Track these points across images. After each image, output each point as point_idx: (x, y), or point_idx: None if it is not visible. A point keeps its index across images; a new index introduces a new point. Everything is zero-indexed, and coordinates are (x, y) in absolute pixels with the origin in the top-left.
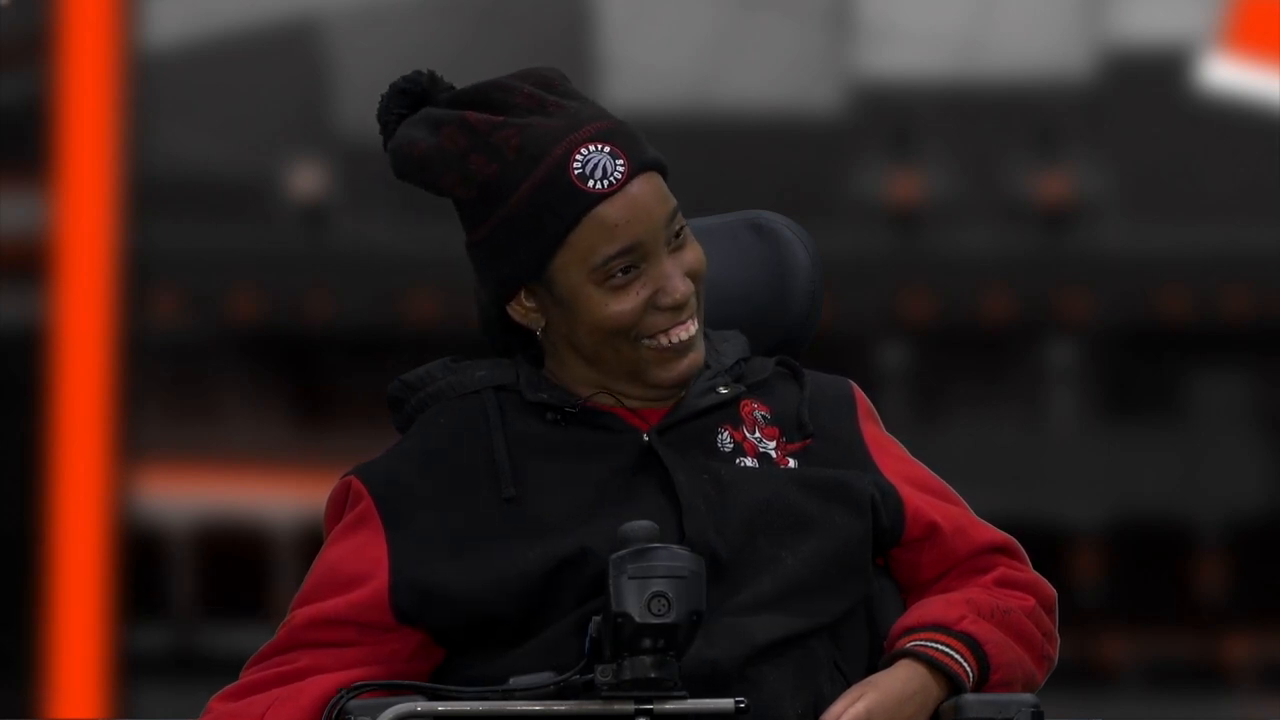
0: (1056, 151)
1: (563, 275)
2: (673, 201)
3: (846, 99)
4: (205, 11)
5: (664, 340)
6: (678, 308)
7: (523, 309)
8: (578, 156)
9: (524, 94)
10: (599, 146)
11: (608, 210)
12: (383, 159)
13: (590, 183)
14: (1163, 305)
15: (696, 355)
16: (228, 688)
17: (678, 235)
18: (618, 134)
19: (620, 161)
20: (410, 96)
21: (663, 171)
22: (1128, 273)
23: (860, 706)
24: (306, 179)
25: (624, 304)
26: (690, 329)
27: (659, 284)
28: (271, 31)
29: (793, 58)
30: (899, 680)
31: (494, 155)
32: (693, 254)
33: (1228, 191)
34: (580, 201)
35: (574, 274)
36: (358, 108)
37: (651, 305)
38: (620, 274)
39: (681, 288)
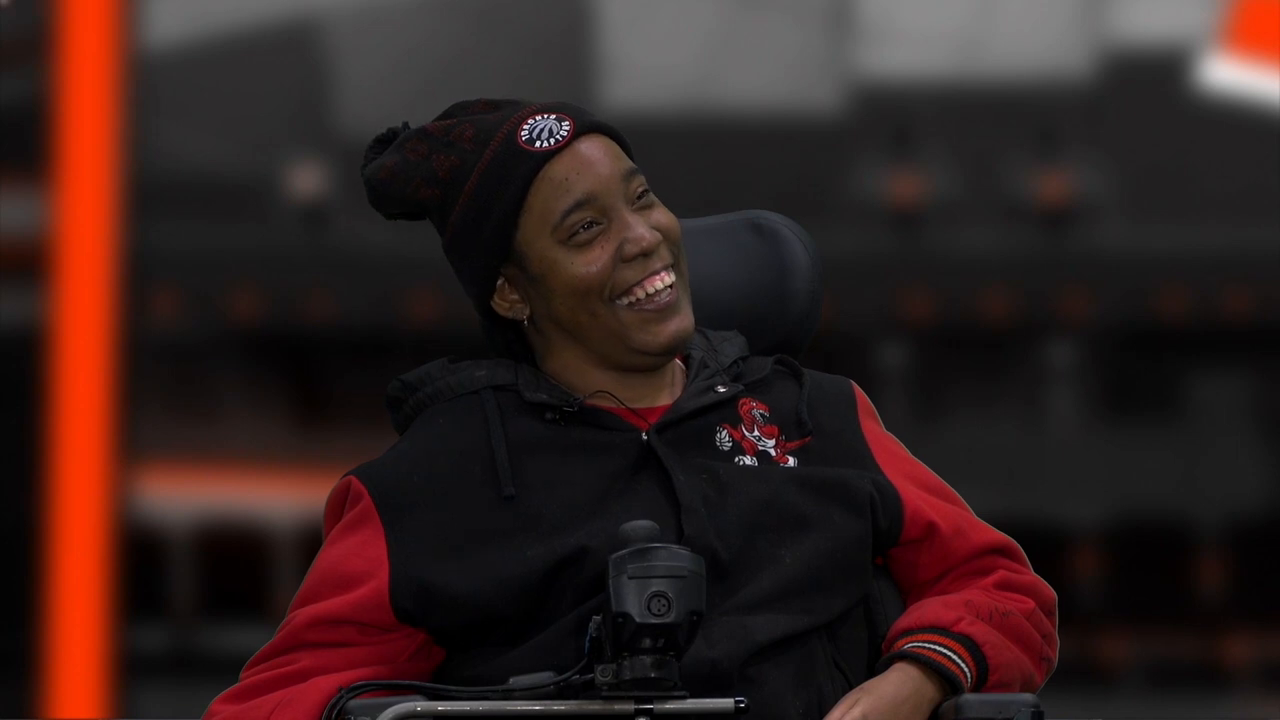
0: (1056, 151)
1: (529, 247)
2: (628, 162)
3: (846, 99)
4: (205, 11)
5: (639, 293)
6: (646, 255)
7: (505, 302)
8: (525, 126)
9: (481, 103)
10: (544, 115)
11: (556, 167)
12: None
13: (537, 144)
14: (1163, 305)
15: (683, 320)
16: (230, 689)
17: (640, 197)
18: (563, 106)
19: (565, 123)
20: (386, 144)
21: (619, 140)
22: (1128, 273)
23: (856, 713)
24: (306, 179)
25: (591, 261)
26: (665, 279)
27: (623, 234)
28: (271, 31)
29: (793, 58)
30: (893, 684)
31: (451, 149)
32: (662, 214)
33: (1228, 191)
34: (528, 162)
35: (539, 241)
36: (358, 108)
37: (620, 259)
38: (582, 230)
39: (647, 236)
